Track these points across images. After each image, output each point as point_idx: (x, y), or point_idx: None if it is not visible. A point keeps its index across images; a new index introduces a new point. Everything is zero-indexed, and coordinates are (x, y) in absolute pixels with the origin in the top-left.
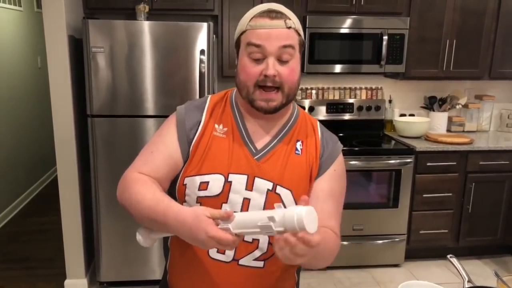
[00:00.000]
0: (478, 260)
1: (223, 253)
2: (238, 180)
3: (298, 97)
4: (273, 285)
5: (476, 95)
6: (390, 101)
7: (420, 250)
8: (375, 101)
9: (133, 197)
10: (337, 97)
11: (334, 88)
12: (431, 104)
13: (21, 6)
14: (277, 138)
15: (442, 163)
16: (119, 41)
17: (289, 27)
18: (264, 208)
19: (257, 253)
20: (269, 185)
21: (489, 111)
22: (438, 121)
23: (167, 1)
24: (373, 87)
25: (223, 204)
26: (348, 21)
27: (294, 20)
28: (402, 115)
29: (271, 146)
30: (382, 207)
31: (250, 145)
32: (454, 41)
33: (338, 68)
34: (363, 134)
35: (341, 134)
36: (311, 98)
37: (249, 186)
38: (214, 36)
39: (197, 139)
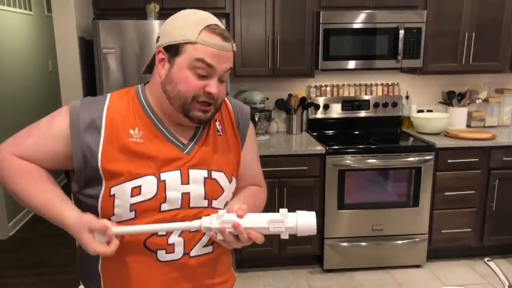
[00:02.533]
0: (504, 259)
1: (173, 251)
2: (172, 177)
3: (313, 95)
4: (221, 262)
5: (496, 89)
6: (407, 97)
7: (442, 250)
8: (391, 97)
9: (20, 190)
10: (352, 94)
11: (349, 85)
12: (450, 99)
13: (31, 10)
14: (200, 129)
15: (463, 159)
16: (130, 41)
17: (234, 51)
18: (206, 196)
19: (205, 239)
20: (204, 173)
21: (510, 105)
22: (457, 117)
23: (178, 0)
24: (389, 83)
25: (162, 204)
26: (363, 16)
27: (234, 44)
28: (420, 111)
29: (197, 137)
30: (401, 206)
31: (176, 141)
32: (473, 33)
33: (353, 64)
34: (380, 132)
35: (357, 132)
36: (326, 96)
37: (185, 180)
38: None
39: (105, 148)
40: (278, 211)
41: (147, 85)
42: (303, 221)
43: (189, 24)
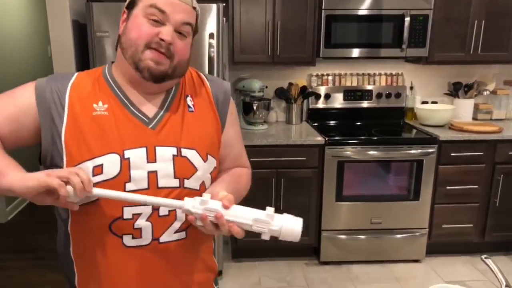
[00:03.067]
0: (505, 256)
1: (140, 236)
2: (137, 155)
3: (314, 84)
4: (197, 251)
5: (505, 81)
6: (411, 88)
7: (442, 245)
8: (395, 87)
9: None
10: (354, 84)
11: (351, 74)
12: (456, 90)
13: None
14: (168, 101)
15: (467, 153)
16: None
17: (194, 8)
18: (175, 175)
19: (176, 225)
20: (173, 150)
21: None
22: (463, 109)
23: None
24: (393, 72)
25: (127, 184)
26: (367, 2)
27: (197, 4)
28: (424, 102)
29: (163, 110)
30: (402, 199)
31: (140, 115)
32: (483, 22)
33: (356, 52)
34: (382, 123)
35: (358, 123)
36: (327, 85)
37: (151, 158)
38: (224, 19)
39: (68, 125)
40: (266, 208)
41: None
42: (288, 226)
43: None
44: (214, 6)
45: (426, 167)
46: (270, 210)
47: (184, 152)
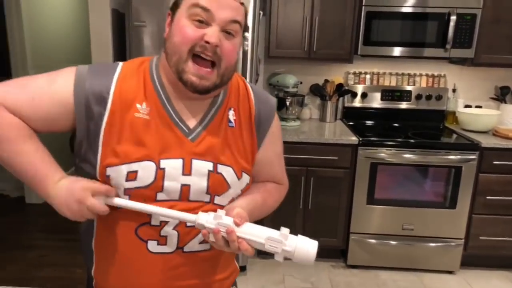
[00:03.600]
0: None
1: (165, 244)
2: (173, 166)
3: (351, 82)
4: (221, 258)
5: None
6: (454, 90)
7: (479, 258)
8: (436, 89)
9: (11, 146)
10: (393, 84)
11: (390, 74)
12: (503, 95)
13: None
14: (211, 113)
15: (511, 162)
16: (162, 15)
17: (242, 3)
18: (208, 191)
19: (202, 236)
20: (210, 166)
21: None
22: (510, 115)
23: None
24: (435, 73)
25: (158, 193)
26: None
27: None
28: (467, 106)
29: (205, 122)
30: (437, 206)
31: (181, 125)
32: None
33: (396, 51)
34: (420, 126)
35: (395, 124)
36: (365, 84)
37: (187, 170)
38: (261, 13)
39: (109, 123)
40: (280, 228)
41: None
42: (303, 248)
43: None
44: (251, 0)
45: (465, 174)
46: (285, 230)
47: (220, 168)
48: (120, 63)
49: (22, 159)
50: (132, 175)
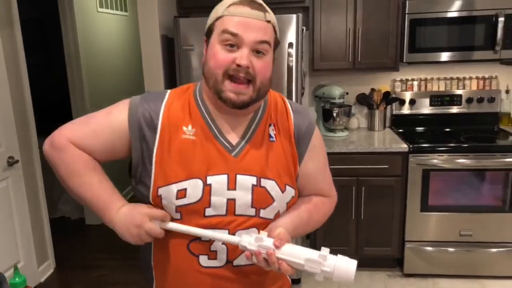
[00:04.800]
0: None
1: (215, 258)
2: (218, 181)
3: (398, 89)
4: (269, 276)
5: None
6: (507, 92)
7: None
8: (488, 91)
9: (77, 178)
10: (442, 88)
11: (438, 79)
12: None
13: (126, 11)
14: (251, 129)
15: None
16: None
17: (268, 21)
18: (253, 204)
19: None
20: (253, 180)
21: None
22: None
23: None
24: (486, 76)
25: (206, 209)
26: (456, 3)
27: (272, 16)
28: None
29: (246, 138)
30: (496, 211)
31: (225, 142)
32: None
33: (444, 56)
34: (473, 129)
35: (447, 129)
36: (412, 90)
37: (231, 185)
38: (304, 28)
39: (160, 146)
40: (321, 248)
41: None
42: (341, 268)
43: (222, 3)
44: (294, 17)
45: None
46: (325, 250)
47: (264, 182)
48: (169, 91)
49: (88, 190)
50: (181, 193)
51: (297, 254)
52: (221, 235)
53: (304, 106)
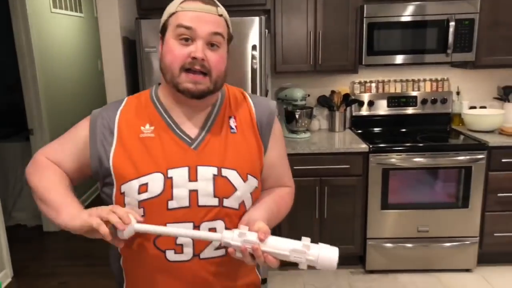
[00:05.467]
0: None
1: (181, 252)
2: (179, 174)
3: (357, 91)
4: (237, 269)
5: None
6: (457, 93)
7: (495, 255)
8: (440, 93)
9: (42, 183)
10: (398, 90)
11: (395, 81)
12: (506, 94)
13: (82, 13)
14: (210, 121)
15: None
16: None
17: (220, 15)
18: (215, 194)
19: (216, 243)
20: (214, 170)
21: None
22: None
23: None
24: (439, 78)
25: (169, 202)
26: (410, 8)
27: (224, 10)
28: (472, 107)
29: (205, 130)
30: (450, 207)
31: (183, 136)
32: None
33: (399, 59)
34: (428, 129)
35: (403, 130)
36: (370, 92)
37: (193, 177)
38: (267, 31)
39: (117, 148)
40: (301, 238)
41: None
42: (325, 255)
43: (174, 1)
44: (256, 19)
45: (475, 173)
46: (306, 240)
47: (225, 172)
48: (126, 97)
49: (49, 194)
50: (143, 188)
51: (282, 245)
52: (200, 232)
53: (263, 97)
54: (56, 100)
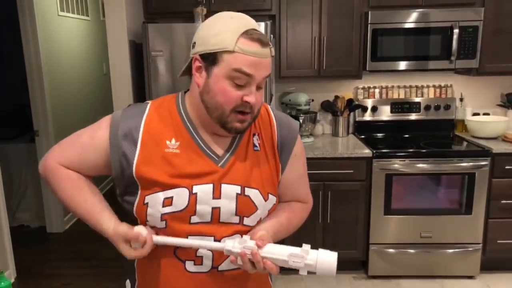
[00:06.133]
0: None
1: (201, 263)
2: (204, 190)
3: (360, 97)
4: (255, 276)
5: None
6: (461, 99)
7: (498, 261)
8: (444, 99)
9: (66, 198)
10: (402, 96)
11: (398, 87)
12: (510, 101)
13: (88, 16)
14: (236, 140)
15: None
16: (178, 44)
17: (272, 56)
18: (237, 213)
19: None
20: (237, 189)
21: None
22: None
23: (225, 3)
24: (442, 84)
25: (192, 217)
26: (414, 15)
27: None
28: (475, 114)
29: (232, 149)
30: (453, 213)
31: (211, 153)
32: None
33: (403, 65)
34: (431, 135)
35: (406, 135)
36: (374, 98)
37: (216, 194)
38: (272, 36)
39: (139, 160)
40: (302, 245)
41: (187, 93)
42: (323, 260)
43: (226, 31)
44: (262, 24)
45: (478, 180)
46: (306, 246)
47: (247, 191)
48: (149, 103)
49: (78, 208)
50: (168, 201)
51: (280, 251)
52: (206, 242)
53: (286, 115)
54: (61, 102)
